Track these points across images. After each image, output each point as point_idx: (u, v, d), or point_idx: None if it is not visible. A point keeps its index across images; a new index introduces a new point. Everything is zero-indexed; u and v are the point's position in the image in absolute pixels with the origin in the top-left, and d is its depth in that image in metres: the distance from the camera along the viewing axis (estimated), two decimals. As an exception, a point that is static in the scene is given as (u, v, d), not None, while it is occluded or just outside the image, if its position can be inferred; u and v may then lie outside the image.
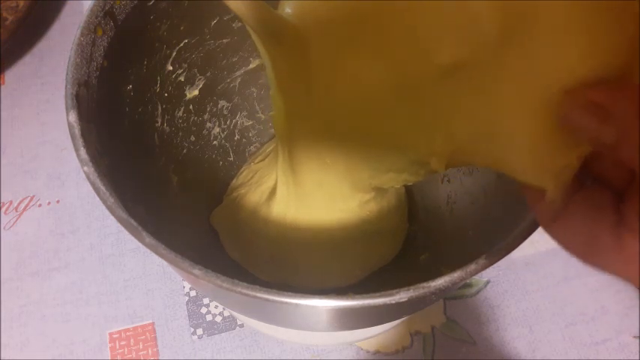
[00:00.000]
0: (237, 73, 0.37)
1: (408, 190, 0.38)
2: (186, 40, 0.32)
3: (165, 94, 0.32)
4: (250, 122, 0.40)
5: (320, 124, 0.26)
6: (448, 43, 0.19)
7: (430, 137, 0.23)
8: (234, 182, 0.38)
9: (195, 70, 0.34)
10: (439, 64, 0.20)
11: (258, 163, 0.37)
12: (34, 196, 0.42)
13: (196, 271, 0.20)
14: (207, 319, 0.37)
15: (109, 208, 0.21)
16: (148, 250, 0.20)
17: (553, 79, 0.18)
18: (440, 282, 0.20)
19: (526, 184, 0.20)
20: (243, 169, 0.39)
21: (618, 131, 0.16)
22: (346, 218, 0.32)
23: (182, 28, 0.31)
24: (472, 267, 0.21)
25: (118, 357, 0.36)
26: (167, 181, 0.33)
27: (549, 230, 0.19)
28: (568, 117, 0.18)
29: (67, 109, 0.23)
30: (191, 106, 0.35)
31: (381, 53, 0.21)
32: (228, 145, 0.39)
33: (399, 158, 0.26)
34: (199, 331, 0.37)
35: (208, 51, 0.34)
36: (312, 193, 0.31)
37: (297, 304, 0.20)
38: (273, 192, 0.33)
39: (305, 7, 0.21)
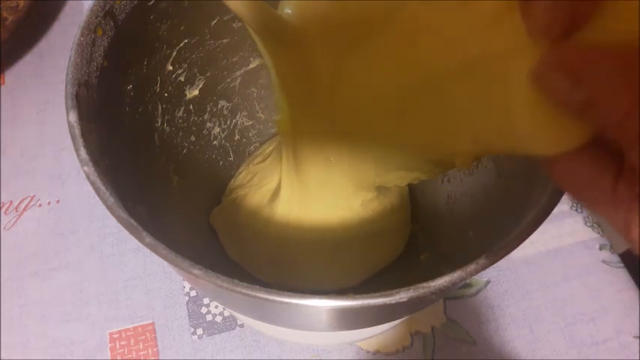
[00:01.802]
0: (238, 73, 0.37)
1: (409, 190, 0.38)
2: (187, 40, 0.32)
3: (166, 94, 0.32)
4: (250, 122, 0.40)
5: (325, 122, 0.26)
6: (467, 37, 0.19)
7: (454, 140, 0.23)
8: (232, 183, 0.38)
9: (196, 70, 0.34)
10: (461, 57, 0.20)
11: (257, 164, 0.37)
12: (34, 196, 0.42)
13: (196, 271, 0.20)
14: (208, 319, 0.37)
15: (109, 208, 0.21)
16: (148, 250, 0.20)
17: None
18: (440, 282, 0.20)
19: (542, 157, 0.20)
20: (241, 169, 0.39)
21: (590, 91, 0.15)
22: (349, 217, 0.32)
23: (182, 28, 0.31)
24: (472, 267, 0.21)
25: (118, 357, 0.36)
26: (167, 180, 0.33)
27: (548, 166, 0.19)
28: (540, 77, 0.17)
29: (67, 109, 0.23)
30: (191, 106, 0.35)
31: (388, 52, 0.21)
32: (228, 145, 0.39)
33: (413, 157, 0.26)
34: (199, 331, 0.37)
35: (208, 51, 0.34)
36: (316, 193, 0.31)
37: (297, 304, 0.20)
38: (275, 193, 0.33)
39: (305, 7, 0.21)
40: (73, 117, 0.23)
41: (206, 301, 0.38)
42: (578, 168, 0.18)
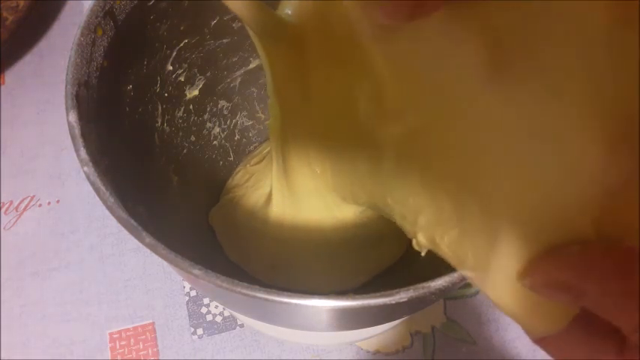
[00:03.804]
0: (237, 73, 0.37)
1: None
2: (186, 40, 0.32)
3: (166, 94, 0.32)
4: (250, 122, 0.40)
5: (311, 131, 0.26)
6: None
7: (408, 218, 0.21)
8: (230, 182, 0.38)
9: (196, 70, 0.34)
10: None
11: (254, 165, 0.37)
12: (34, 196, 0.42)
13: (196, 271, 0.20)
14: (208, 319, 0.37)
15: (109, 208, 0.21)
16: (148, 250, 0.20)
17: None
18: (440, 282, 0.20)
19: None
20: (239, 169, 0.39)
21: (596, 299, 0.14)
22: (344, 225, 0.32)
23: (182, 28, 0.31)
24: (472, 267, 0.21)
25: (118, 357, 0.36)
26: (167, 180, 0.33)
27: (540, 344, 0.17)
28: (535, 290, 0.15)
29: (67, 109, 0.23)
30: (191, 106, 0.35)
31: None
32: (228, 145, 0.39)
33: (375, 202, 0.24)
34: (199, 331, 0.37)
35: (208, 51, 0.34)
36: (306, 200, 0.31)
37: (297, 304, 0.20)
38: (269, 198, 0.33)
39: (305, 9, 0.21)
40: (73, 117, 0.23)
41: (206, 301, 0.38)
42: (571, 345, 0.16)
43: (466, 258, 0.18)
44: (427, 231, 0.20)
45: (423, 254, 0.21)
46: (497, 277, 0.16)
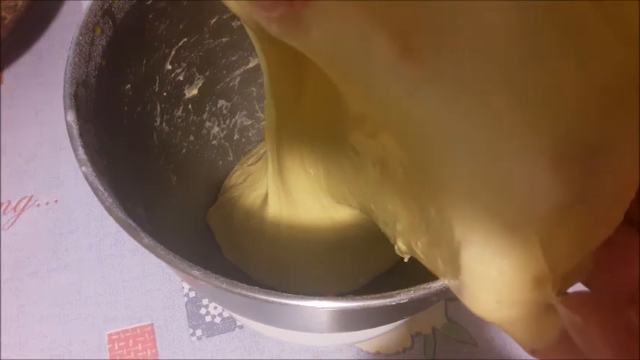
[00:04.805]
0: (237, 72, 0.37)
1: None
2: (185, 39, 0.32)
3: (164, 94, 0.32)
4: (250, 122, 0.40)
5: (305, 132, 0.26)
6: None
7: (389, 224, 0.21)
8: (227, 182, 0.38)
9: (195, 69, 0.34)
10: None
11: (250, 165, 0.37)
12: (32, 196, 0.42)
13: (195, 272, 0.20)
14: (207, 320, 0.37)
15: (107, 208, 0.21)
16: (147, 251, 0.20)
17: None
18: (440, 283, 0.20)
19: None
20: (236, 168, 0.38)
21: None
22: (342, 226, 0.31)
23: (181, 27, 0.31)
24: (473, 268, 0.20)
25: (117, 358, 0.36)
26: (166, 180, 0.33)
27: (534, 355, 0.16)
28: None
29: (65, 108, 0.23)
30: (190, 106, 0.35)
31: None
32: (227, 144, 0.39)
33: (363, 207, 0.24)
34: (198, 332, 0.36)
35: (207, 50, 0.34)
36: (302, 201, 0.30)
37: (296, 306, 0.19)
38: (266, 198, 0.33)
39: None
40: (71, 117, 0.23)
41: (205, 302, 0.37)
42: (565, 357, 0.15)
43: (437, 266, 0.17)
44: (404, 237, 0.20)
45: (406, 260, 0.21)
46: (470, 290, 0.15)
